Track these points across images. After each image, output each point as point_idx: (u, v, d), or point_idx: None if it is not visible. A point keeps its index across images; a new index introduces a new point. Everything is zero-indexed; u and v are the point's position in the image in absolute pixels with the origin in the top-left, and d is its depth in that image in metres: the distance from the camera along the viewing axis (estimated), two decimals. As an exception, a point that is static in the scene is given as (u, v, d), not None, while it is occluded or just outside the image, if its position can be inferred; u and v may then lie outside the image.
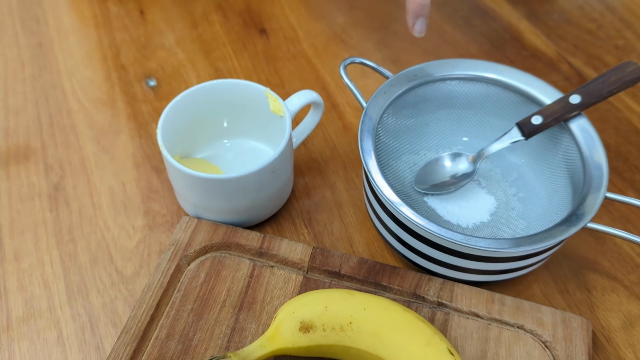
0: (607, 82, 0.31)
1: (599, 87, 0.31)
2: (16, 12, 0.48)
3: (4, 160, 0.38)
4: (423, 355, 0.25)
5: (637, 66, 0.31)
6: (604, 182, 0.29)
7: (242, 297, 0.30)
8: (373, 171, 0.29)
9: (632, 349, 0.30)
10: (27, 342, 0.30)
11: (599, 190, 0.29)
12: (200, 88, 0.34)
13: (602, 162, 0.30)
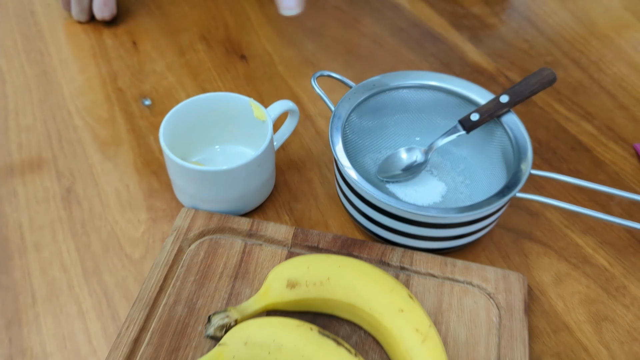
0: (529, 84, 0.39)
1: (522, 88, 0.39)
2: (20, 46, 0.54)
3: (20, 169, 0.43)
4: (388, 300, 0.31)
5: (551, 71, 0.39)
6: (529, 161, 0.36)
7: (237, 269, 0.36)
8: (341, 157, 0.36)
9: (562, 299, 0.37)
10: (51, 317, 0.35)
11: (526, 168, 0.36)
12: (194, 100, 0.40)
13: (528, 147, 0.37)
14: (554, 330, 0.35)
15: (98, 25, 0.57)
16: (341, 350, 0.29)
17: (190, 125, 0.41)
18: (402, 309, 0.31)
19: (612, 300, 0.37)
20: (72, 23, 0.57)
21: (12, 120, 0.47)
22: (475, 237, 0.37)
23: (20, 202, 0.41)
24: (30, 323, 0.35)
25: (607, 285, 0.37)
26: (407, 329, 0.30)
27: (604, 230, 0.40)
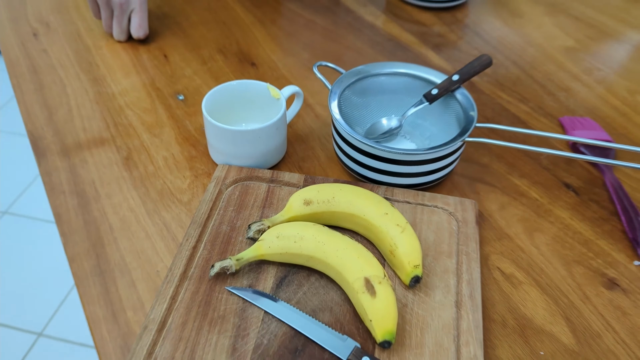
0: (473, 65, 0.53)
1: (468, 69, 0.53)
2: (73, 59, 0.67)
3: (87, 145, 0.55)
4: (376, 208, 0.44)
5: (488, 56, 0.53)
6: (475, 118, 0.50)
7: (264, 202, 0.48)
8: (336, 115, 0.49)
9: (504, 219, 0.49)
10: (125, 240, 0.46)
11: (472, 123, 0.49)
12: (226, 85, 0.53)
13: (475, 110, 0.51)
14: (499, 238, 0.48)
15: (134, 43, 0.70)
16: (345, 237, 0.41)
17: (222, 104, 0.53)
18: (386, 212, 0.43)
19: (540, 219, 0.50)
20: (113, 42, 0.70)
21: (75, 112, 0.60)
22: (439, 174, 0.50)
23: (90, 167, 0.53)
24: (110, 244, 0.46)
25: (537, 210, 0.50)
26: (391, 225, 0.43)
27: (535, 175, 0.54)
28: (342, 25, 0.75)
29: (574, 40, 0.73)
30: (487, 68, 0.53)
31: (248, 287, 0.42)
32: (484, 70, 0.54)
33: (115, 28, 0.69)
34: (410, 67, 0.55)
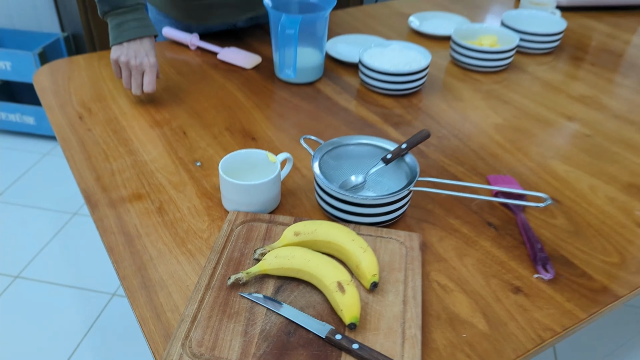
0: (416, 137, 0.72)
1: (412, 139, 0.72)
2: (113, 136, 0.86)
3: (128, 199, 0.73)
4: (346, 237, 0.61)
5: (427, 131, 0.73)
6: (417, 174, 0.68)
7: (264, 235, 0.66)
8: (317, 172, 0.67)
9: (442, 248, 0.67)
10: (162, 265, 0.63)
11: (416, 177, 0.68)
12: (234, 153, 0.72)
13: (418, 169, 0.70)
14: (437, 260, 0.65)
15: (160, 121, 0.90)
16: (324, 256, 0.59)
17: (233, 166, 0.72)
18: (353, 239, 0.61)
19: (469, 247, 0.67)
20: (143, 123, 0.90)
21: (117, 175, 0.78)
22: (393, 215, 0.68)
23: (132, 214, 0.70)
24: (151, 268, 0.63)
25: (467, 241, 0.68)
26: (356, 247, 0.60)
27: (466, 216, 0.72)
28: (322, 109, 0.95)
29: (502, 119, 0.94)
30: (426, 139, 0.73)
31: (254, 293, 0.58)
32: (424, 140, 0.73)
33: (133, 85, 0.90)
34: (372, 139, 0.75)
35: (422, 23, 1.24)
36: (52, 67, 1.05)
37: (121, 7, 0.91)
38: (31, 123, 2.19)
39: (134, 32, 0.91)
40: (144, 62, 0.90)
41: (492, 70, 1.07)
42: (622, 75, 1.09)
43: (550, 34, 1.12)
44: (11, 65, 2.05)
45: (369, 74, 0.98)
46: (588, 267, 0.65)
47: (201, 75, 1.04)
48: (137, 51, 0.91)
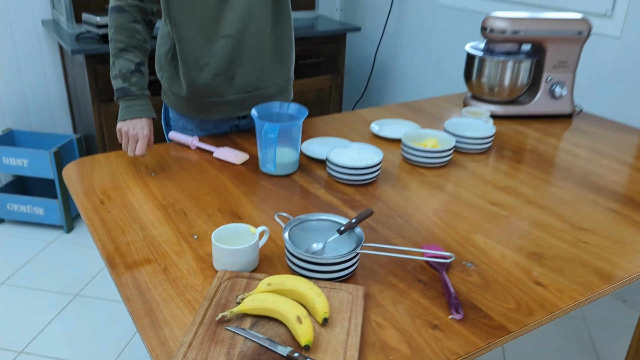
0: (363, 214, 0.95)
1: (360, 216, 0.95)
2: (127, 216, 1.08)
3: (140, 263, 0.94)
4: (306, 286, 0.82)
5: (370, 209, 0.96)
6: (362, 241, 0.90)
7: (244, 288, 0.86)
8: (287, 240, 0.89)
9: (381, 298, 0.87)
10: (167, 309, 0.83)
11: (361, 243, 0.90)
12: (224, 227, 0.94)
13: (363, 238, 0.92)
14: (376, 306, 0.86)
15: (165, 205, 1.12)
16: (288, 299, 0.79)
17: (223, 236, 0.94)
18: (311, 288, 0.82)
19: (402, 297, 0.88)
20: (153, 207, 1.12)
21: (132, 245, 0.99)
22: (345, 272, 0.89)
23: (143, 274, 0.91)
24: (159, 311, 0.83)
25: (401, 292, 0.89)
26: (313, 293, 0.81)
27: (402, 275, 0.93)
28: (296, 195, 1.19)
29: (439, 203, 1.18)
30: (370, 215, 0.96)
31: (237, 327, 0.78)
32: (369, 216, 0.96)
33: (129, 149, 1.20)
34: (330, 216, 0.98)
35: (381, 128, 1.52)
36: (78, 163, 1.30)
37: (130, 95, 1.28)
38: (40, 214, 2.41)
39: (136, 113, 1.27)
40: (139, 133, 1.24)
41: (434, 165, 1.33)
42: (540, 171, 1.35)
43: (482, 137, 1.39)
44: (28, 162, 2.31)
45: (334, 168, 1.23)
46: (490, 311, 0.86)
47: (199, 169, 1.29)
48: (135, 125, 1.25)
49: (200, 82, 1.36)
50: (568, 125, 1.67)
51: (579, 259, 1.00)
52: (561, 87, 1.64)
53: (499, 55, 1.61)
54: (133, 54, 1.28)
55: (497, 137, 1.54)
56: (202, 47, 1.31)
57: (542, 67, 1.64)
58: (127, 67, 1.27)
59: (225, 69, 1.35)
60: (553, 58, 1.62)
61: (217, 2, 1.27)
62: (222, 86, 1.38)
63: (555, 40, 1.61)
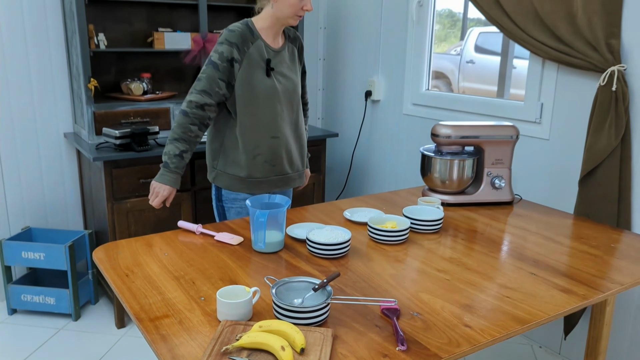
0: (331, 276, 1.25)
1: (329, 277, 1.25)
2: (148, 285, 1.37)
3: (161, 317, 1.21)
4: (291, 329, 1.10)
5: (338, 272, 1.26)
6: (331, 295, 1.19)
7: (242, 330, 1.14)
8: (274, 294, 1.18)
9: (346, 337, 1.15)
10: (184, 347, 1.10)
11: (330, 296, 1.19)
12: (225, 287, 1.23)
13: (331, 293, 1.21)
14: (342, 343, 1.13)
15: (177, 276, 1.41)
16: (275, 335, 1.07)
17: (225, 295, 1.22)
18: (291, 327, 1.10)
19: (362, 337, 1.16)
20: (167, 277, 1.41)
21: (153, 305, 1.27)
22: (318, 319, 1.17)
23: (164, 325, 1.18)
24: (176, 350, 1.10)
25: (362, 334, 1.17)
26: (292, 331, 1.09)
27: (364, 322, 1.21)
28: (282, 268, 1.49)
29: (395, 271, 1.47)
30: (337, 277, 1.25)
31: (237, 357, 1.05)
32: (336, 278, 1.25)
33: (149, 200, 1.54)
34: (307, 278, 1.27)
35: (352, 214, 1.85)
36: (105, 247, 1.60)
37: (167, 168, 1.85)
38: (51, 303, 2.65)
39: (165, 181, 1.85)
40: (160, 193, 1.83)
41: (394, 243, 1.64)
42: (479, 246, 1.67)
43: (433, 220, 1.72)
44: (44, 255, 2.59)
45: (312, 244, 1.53)
46: (428, 345, 1.14)
47: (203, 249, 1.59)
48: (161, 187, 1.84)
49: (252, 167, 1.94)
50: (509, 211, 2.01)
51: (501, 308, 1.29)
52: (499, 180, 2.00)
53: (446, 155, 1.99)
54: (181, 144, 1.85)
55: (449, 221, 1.87)
56: (258, 143, 1.92)
57: (483, 164, 2.01)
58: (173, 151, 1.85)
59: (271, 159, 1.95)
60: (491, 156, 2.00)
61: (272, 117, 1.91)
62: (266, 170, 1.96)
63: (491, 143, 1.99)
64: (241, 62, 1.84)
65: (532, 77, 2.36)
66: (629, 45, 2.01)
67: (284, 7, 1.83)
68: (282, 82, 1.92)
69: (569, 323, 2.23)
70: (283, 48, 1.95)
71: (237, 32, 1.84)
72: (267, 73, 1.88)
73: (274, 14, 1.87)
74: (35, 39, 2.67)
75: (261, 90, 1.87)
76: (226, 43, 1.83)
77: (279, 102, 1.92)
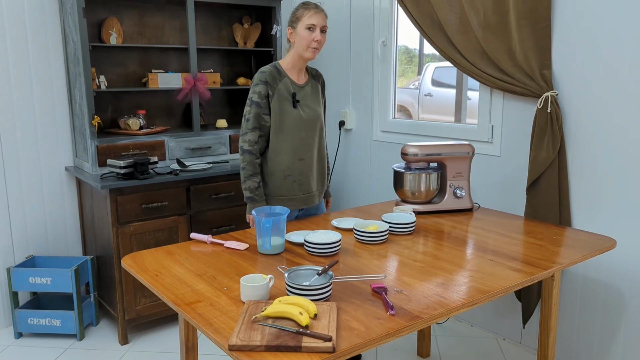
0: (332, 263, 1.55)
1: (330, 264, 1.55)
2: (175, 281, 1.63)
3: (194, 302, 1.49)
4: (304, 301, 1.39)
5: (337, 260, 1.56)
6: (332, 277, 1.49)
7: (265, 304, 1.42)
8: (286, 276, 1.48)
9: (347, 308, 1.45)
10: (220, 321, 1.37)
11: (331, 279, 1.49)
12: (247, 276, 1.51)
13: (332, 275, 1.51)
14: (344, 312, 1.43)
15: (200, 274, 1.68)
16: (293, 306, 1.37)
17: (247, 280, 1.50)
18: (305, 299, 1.39)
19: (359, 307, 1.46)
20: (191, 275, 1.68)
21: (187, 295, 1.54)
22: (323, 295, 1.47)
23: (198, 307, 1.46)
24: (214, 324, 1.37)
25: (359, 305, 1.47)
26: (306, 302, 1.38)
27: (360, 297, 1.51)
28: (286, 264, 1.78)
29: (380, 263, 1.78)
30: (336, 264, 1.56)
31: (264, 322, 1.34)
32: (335, 265, 1.55)
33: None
34: (311, 266, 1.57)
35: (339, 223, 2.16)
36: (131, 256, 1.86)
37: (254, 201, 2.25)
38: (57, 325, 2.84)
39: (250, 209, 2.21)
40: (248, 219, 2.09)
41: (376, 242, 1.96)
42: (447, 242, 2.00)
43: (407, 223, 2.05)
44: (51, 279, 2.79)
45: (309, 244, 1.84)
46: (411, 310, 1.44)
47: (216, 255, 1.87)
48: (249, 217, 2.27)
49: (282, 186, 2.30)
50: (470, 216, 2.36)
51: (467, 284, 1.62)
52: (460, 190, 2.36)
53: (414, 170, 2.34)
54: (256, 177, 2.25)
55: (421, 226, 2.21)
56: (288, 165, 2.29)
57: (445, 177, 2.37)
58: (253, 185, 2.24)
59: (299, 179, 2.31)
60: (452, 170, 2.36)
61: (299, 142, 2.28)
62: (295, 189, 2.32)
63: (452, 159, 2.35)
64: (272, 97, 2.23)
65: (483, 103, 2.76)
66: (558, 74, 2.43)
67: (298, 43, 2.22)
68: (306, 112, 2.29)
69: (526, 312, 2.58)
70: (307, 84, 2.33)
71: (268, 72, 2.23)
72: (294, 105, 2.25)
73: (294, 52, 2.26)
74: (40, 82, 2.93)
75: (289, 119, 2.25)
76: (261, 83, 2.22)
77: (304, 129, 2.28)
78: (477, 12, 2.52)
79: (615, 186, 2.30)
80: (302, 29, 2.20)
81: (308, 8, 2.20)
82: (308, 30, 2.19)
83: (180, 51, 3.32)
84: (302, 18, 2.19)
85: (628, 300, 2.32)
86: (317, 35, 2.20)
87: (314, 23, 2.18)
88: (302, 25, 2.19)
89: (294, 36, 2.23)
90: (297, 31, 2.21)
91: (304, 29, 2.19)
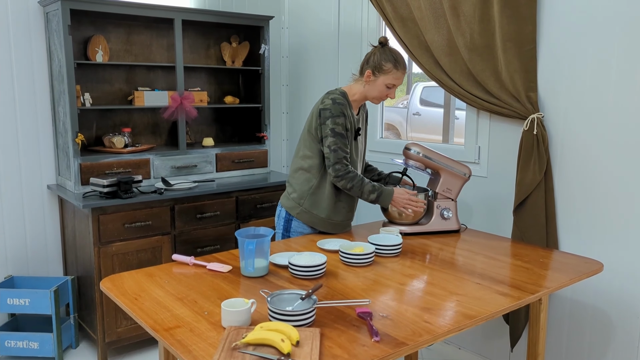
0: (315, 287, 1.52)
1: (314, 288, 1.52)
2: (155, 305, 1.59)
3: (174, 328, 1.44)
4: (286, 327, 1.36)
5: (320, 284, 1.53)
6: (315, 302, 1.46)
7: (245, 331, 1.38)
8: (269, 300, 1.44)
9: (331, 335, 1.41)
10: (201, 346, 1.33)
11: (314, 304, 1.46)
12: (228, 300, 1.48)
13: (316, 300, 1.47)
14: (327, 338, 1.39)
15: (181, 297, 1.64)
16: (274, 332, 1.33)
17: (227, 305, 1.47)
18: (286, 325, 1.36)
19: (342, 334, 1.42)
20: (171, 299, 1.63)
21: (167, 320, 1.49)
22: (307, 321, 1.43)
23: (177, 333, 1.41)
24: (194, 352, 1.33)
25: (342, 331, 1.43)
26: (288, 328, 1.35)
27: (344, 323, 1.48)
28: (270, 288, 1.74)
29: (365, 285, 1.75)
30: (319, 288, 1.52)
31: (244, 350, 1.29)
32: (318, 289, 1.52)
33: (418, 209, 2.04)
34: (294, 291, 1.53)
35: (324, 244, 2.13)
36: (110, 278, 1.81)
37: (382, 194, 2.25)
38: (35, 347, 2.76)
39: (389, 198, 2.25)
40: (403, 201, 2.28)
41: (362, 264, 1.93)
42: (433, 264, 1.97)
43: (394, 245, 2.03)
44: (29, 301, 2.72)
45: (294, 267, 1.80)
46: (396, 336, 1.41)
47: (198, 277, 1.83)
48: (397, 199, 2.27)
49: (333, 210, 2.32)
50: (457, 238, 2.34)
51: (453, 309, 1.59)
52: (447, 211, 2.34)
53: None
54: (369, 185, 2.24)
55: (407, 247, 2.18)
56: (341, 191, 2.31)
57: (435, 196, 2.35)
58: (370, 188, 2.22)
59: (348, 204, 2.36)
60: (444, 183, 2.35)
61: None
62: (342, 214, 2.36)
63: (448, 172, 2.34)
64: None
65: (470, 124, 2.76)
66: (544, 97, 2.43)
67: (374, 90, 2.25)
68: (361, 142, 2.39)
69: (514, 335, 2.55)
70: (360, 115, 2.38)
71: (344, 104, 2.23)
72: (355, 137, 2.32)
73: (363, 92, 2.28)
74: (23, 99, 2.89)
75: (352, 150, 2.31)
76: (341, 115, 2.21)
77: (357, 157, 2.35)
78: (464, 34, 2.53)
79: (601, 208, 2.29)
80: (383, 82, 2.23)
81: (398, 68, 2.22)
82: (387, 87, 2.24)
83: (168, 69, 3.30)
84: (388, 74, 2.21)
85: (616, 323, 2.30)
86: (392, 93, 2.26)
87: (396, 84, 2.24)
88: (385, 80, 2.22)
89: (371, 80, 2.24)
90: (377, 80, 2.23)
91: (385, 83, 2.23)
